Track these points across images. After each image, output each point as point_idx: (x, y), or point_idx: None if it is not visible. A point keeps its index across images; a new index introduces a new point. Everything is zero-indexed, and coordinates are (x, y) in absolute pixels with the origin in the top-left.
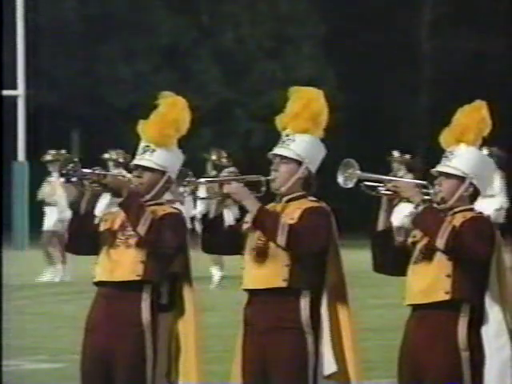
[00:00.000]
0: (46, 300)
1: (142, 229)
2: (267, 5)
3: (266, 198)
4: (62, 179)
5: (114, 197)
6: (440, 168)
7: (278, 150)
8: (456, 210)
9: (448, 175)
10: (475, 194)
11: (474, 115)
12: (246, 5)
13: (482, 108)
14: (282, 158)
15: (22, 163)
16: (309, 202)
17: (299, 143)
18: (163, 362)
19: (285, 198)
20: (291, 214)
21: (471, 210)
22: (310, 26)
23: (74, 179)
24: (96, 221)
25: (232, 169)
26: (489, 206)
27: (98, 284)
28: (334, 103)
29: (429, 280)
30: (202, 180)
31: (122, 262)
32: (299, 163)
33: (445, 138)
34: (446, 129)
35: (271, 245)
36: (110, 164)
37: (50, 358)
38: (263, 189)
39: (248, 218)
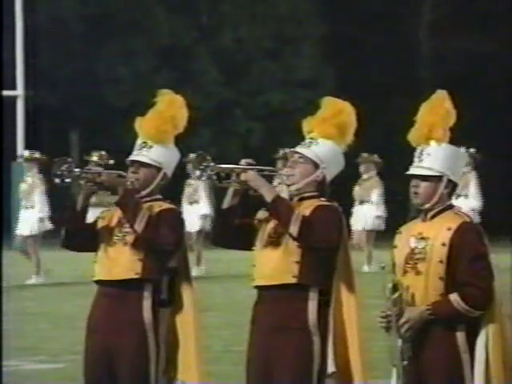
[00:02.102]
0: (46, 300)
1: (139, 226)
2: (267, 5)
3: None
4: (57, 180)
5: (110, 195)
6: (415, 171)
7: (298, 148)
8: (436, 210)
9: (424, 177)
10: (454, 190)
11: (439, 110)
12: (245, 5)
13: (444, 100)
14: (301, 156)
15: (21, 163)
16: (320, 201)
17: (321, 147)
18: (162, 359)
19: (297, 197)
20: (303, 211)
21: (451, 207)
22: (310, 26)
23: (68, 180)
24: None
25: (250, 160)
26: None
27: (98, 283)
28: None
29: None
30: (220, 165)
31: (120, 260)
32: (316, 166)
33: (413, 137)
34: (413, 128)
35: (282, 240)
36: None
37: (50, 358)
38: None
39: (260, 214)
